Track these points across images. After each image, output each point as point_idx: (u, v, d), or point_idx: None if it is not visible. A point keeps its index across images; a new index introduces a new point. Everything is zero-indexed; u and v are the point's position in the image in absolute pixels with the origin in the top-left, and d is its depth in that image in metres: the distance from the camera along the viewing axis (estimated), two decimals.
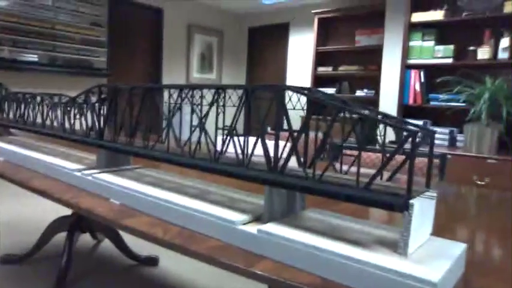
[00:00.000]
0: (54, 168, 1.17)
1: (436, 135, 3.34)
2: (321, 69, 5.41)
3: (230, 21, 6.75)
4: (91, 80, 4.38)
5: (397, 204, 0.57)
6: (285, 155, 0.73)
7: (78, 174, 1.07)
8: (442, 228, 0.92)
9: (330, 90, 5.38)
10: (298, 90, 0.71)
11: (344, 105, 0.65)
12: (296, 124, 0.67)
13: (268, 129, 3.18)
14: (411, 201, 0.58)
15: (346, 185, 0.66)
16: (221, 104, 0.82)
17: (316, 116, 0.70)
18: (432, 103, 3.33)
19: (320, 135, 0.70)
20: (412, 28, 3.39)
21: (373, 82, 4.71)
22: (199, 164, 0.83)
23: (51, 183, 1.11)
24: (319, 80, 5.45)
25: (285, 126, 0.76)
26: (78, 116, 1.21)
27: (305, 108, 0.71)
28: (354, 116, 0.65)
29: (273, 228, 0.69)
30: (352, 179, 0.66)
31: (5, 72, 4.01)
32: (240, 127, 0.99)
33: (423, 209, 0.61)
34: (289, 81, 6.21)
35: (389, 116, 0.71)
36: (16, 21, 4.10)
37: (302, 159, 0.75)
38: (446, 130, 3.29)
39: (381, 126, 0.63)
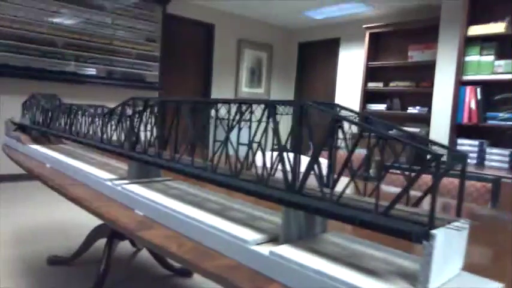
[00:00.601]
0: (88, 177, 1.21)
1: (493, 157, 3.11)
2: (371, 84, 5.27)
3: (280, 36, 6.80)
4: (144, 93, 4.58)
5: (415, 234, 0.51)
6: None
7: (109, 184, 1.10)
8: (480, 264, 0.83)
9: (380, 107, 5.22)
10: (319, 106, 0.68)
11: (361, 123, 0.60)
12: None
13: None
14: (433, 231, 0.52)
15: (365, 209, 0.61)
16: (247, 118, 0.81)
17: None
18: (490, 122, 3.11)
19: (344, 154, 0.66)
20: (469, 42, 3.20)
21: (426, 99, 4.49)
22: (218, 179, 0.81)
23: (84, 191, 1.14)
24: (369, 96, 5.31)
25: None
26: (114, 127, 1.25)
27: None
28: (376, 136, 0.60)
29: (286, 250, 0.65)
30: (380, 203, 0.61)
31: (68, 85, 4.31)
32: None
33: (449, 240, 0.55)
34: (339, 97, 6.10)
35: (419, 137, 0.65)
36: (79, 38, 4.40)
37: (324, 179, 0.71)
38: (506, 152, 3.04)
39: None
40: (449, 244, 0.56)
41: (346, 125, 0.66)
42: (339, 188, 0.66)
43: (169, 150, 1.02)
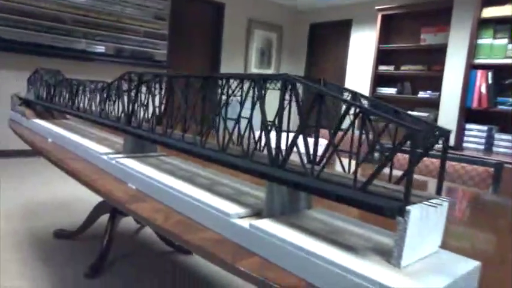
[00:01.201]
0: (86, 151, 1.22)
1: (502, 143, 3.05)
2: (382, 68, 5.18)
3: (291, 17, 6.69)
4: (152, 71, 4.56)
5: (389, 208, 0.51)
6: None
7: (105, 157, 1.11)
8: (464, 244, 0.83)
9: (391, 91, 5.14)
10: (302, 81, 0.67)
11: (343, 98, 0.60)
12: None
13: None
14: (408, 207, 0.52)
15: (346, 185, 0.61)
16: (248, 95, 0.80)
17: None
18: (500, 107, 3.05)
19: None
20: (482, 25, 3.11)
21: (438, 83, 4.41)
22: (205, 153, 0.82)
23: (81, 165, 1.16)
24: (379, 79, 5.23)
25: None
26: (111, 102, 1.25)
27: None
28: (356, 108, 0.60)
29: (266, 224, 0.66)
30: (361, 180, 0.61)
31: (77, 62, 4.33)
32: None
33: (426, 217, 0.55)
34: (349, 80, 6.03)
35: (403, 113, 0.65)
36: (87, 15, 4.39)
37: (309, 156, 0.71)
38: None
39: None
40: (426, 221, 0.55)
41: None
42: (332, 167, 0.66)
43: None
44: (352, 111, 0.63)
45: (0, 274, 1.79)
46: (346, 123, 0.70)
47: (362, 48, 5.84)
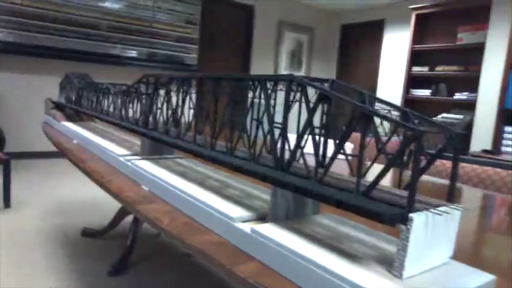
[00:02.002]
0: (106, 153, 1.24)
1: None
2: (415, 69, 5.03)
3: (322, 18, 6.62)
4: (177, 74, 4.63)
5: (388, 216, 0.48)
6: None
7: (122, 159, 1.13)
8: (481, 255, 0.78)
9: (425, 92, 4.97)
10: (307, 81, 0.65)
11: (344, 98, 0.57)
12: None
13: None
14: (411, 214, 0.48)
15: (348, 189, 0.58)
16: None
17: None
18: None
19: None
20: None
21: (475, 84, 4.22)
22: (212, 156, 0.81)
23: (99, 166, 1.18)
24: (413, 81, 5.07)
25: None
26: (130, 105, 1.27)
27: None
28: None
29: (267, 229, 0.64)
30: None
31: (111, 66, 4.48)
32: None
33: (434, 226, 0.51)
34: (381, 81, 5.88)
35: (411, 114, 0.61)
36: (121, 21, 4.52)
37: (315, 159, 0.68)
38: None
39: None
40: (433, 230, 0.52)
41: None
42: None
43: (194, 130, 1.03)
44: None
45: (30, 268, 1.86)
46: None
47: (395, 49, 5.69)
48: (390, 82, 5.70)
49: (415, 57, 5.00)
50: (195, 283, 1.91)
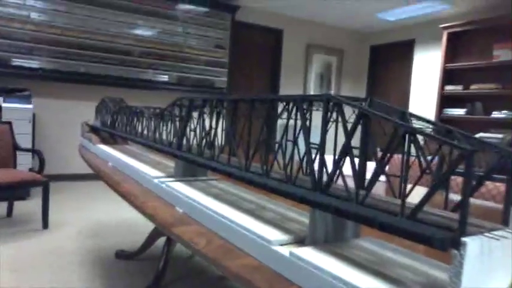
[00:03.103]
0: (140, 175, 1.26)
1: None
2: (448, 88, 4.90)
3: (351, 39, 6.62)
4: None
5: (439, 240, 0.45)
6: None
7: (156, 181, 1.14)
8: None
9: (459, 111, 4.82)
10: (345, 101, 0.64)
11: (385, 116, 0.55)
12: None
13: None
14: (465, 238, 0.45)
15: (392, 211, 0.55)
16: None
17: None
18: None
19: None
20: None
21: None
22: (247, 177, 0.80)
23: (134, 188, 1.20)
24: (446, 100, 4.94)
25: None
26: (164, 128, 1.29)
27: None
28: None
29: (307, 253, 0.62)
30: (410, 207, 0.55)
31: (143, 91, 4.62)
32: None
33: (489, 251, 0.48)
34: (413, 101, 5.76)
35: (458, 132, 0.58)
36: (153, 47, 4.68)
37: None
38: None
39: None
40: (489, 256, 0.48)
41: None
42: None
43: (225, 152, 1.03)
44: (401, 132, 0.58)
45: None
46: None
47: (426, 68, 5.58)
48: (422, 101, 5.58)
49: (448, 76, 4.89)
50: None
